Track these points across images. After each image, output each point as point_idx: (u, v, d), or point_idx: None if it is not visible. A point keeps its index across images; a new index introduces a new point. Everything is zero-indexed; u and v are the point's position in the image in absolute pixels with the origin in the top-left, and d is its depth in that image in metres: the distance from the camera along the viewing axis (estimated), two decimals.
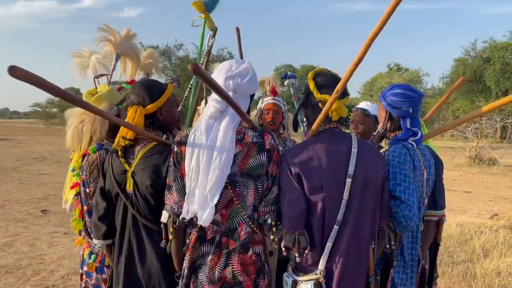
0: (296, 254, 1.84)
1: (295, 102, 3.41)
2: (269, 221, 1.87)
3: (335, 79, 1.96)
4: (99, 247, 2.39)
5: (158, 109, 2.11)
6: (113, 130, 2.46)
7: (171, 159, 1.91)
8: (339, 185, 1.84)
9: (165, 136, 2.33)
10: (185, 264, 1.87)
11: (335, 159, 1.87)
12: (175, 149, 1.89)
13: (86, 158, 2.39)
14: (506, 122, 20.77)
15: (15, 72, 1.27)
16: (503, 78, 32.06)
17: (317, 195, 1.84)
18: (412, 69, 45.19)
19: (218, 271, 1.84)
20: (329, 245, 1.83)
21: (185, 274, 1.86)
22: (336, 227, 1.83)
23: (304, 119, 2.21)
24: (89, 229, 2.42)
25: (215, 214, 1.79)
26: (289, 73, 3.63)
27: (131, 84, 2.88)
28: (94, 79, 2.68)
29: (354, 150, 1.90)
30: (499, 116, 21.04)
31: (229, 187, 1.81)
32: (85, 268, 2.45)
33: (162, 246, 1.93)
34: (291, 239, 1.80)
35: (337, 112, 1.92)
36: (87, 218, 2.44)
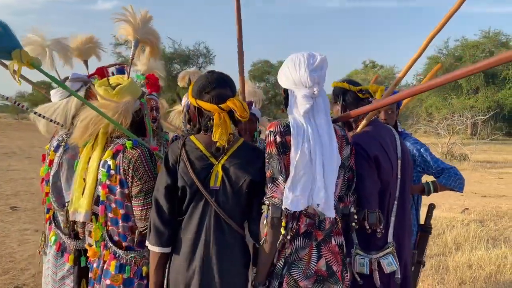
0: (378, 230, 2.02)
1: None
2: (352, 209, 1.98)
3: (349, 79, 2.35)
4: (132, 256, 2.07)
5: None
6: (133, 125, 2.17)
7: (273, 149, 1.83)
8: (394, 166, 2.17)
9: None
10: (281, 261, 1.85)
11: (389, 144, 2.19)
12: (278, 139, 1.83)
13: (122, 155, 2.04)
14: (477, 119, 21.34)
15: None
16: (474, 76, 32.95)
17: (388, 176, 2.13)
18: (387, 66, 45.97)
19: (313, 265, 1.85)
20: (393, 219, 2.12)
21: (278, 272, 1.84)
22: (395, 202, 2.14)
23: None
24: (116, 237, 2.11)
25: (308, 206, 1.81)
26: None
27: (150, 77, 2.64)
28: (105, 69, 2.40)
29: (397, 136, 2.28)
30: (470, 113, 21.63)
31: None
32: (108, 282, 2.06)
33: (262, 243, 1.81)
34: (375, 216, 1.98)
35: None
36: (121, 224, 2.08)
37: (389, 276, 2.06)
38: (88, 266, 2.26)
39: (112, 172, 2.03)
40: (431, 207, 2.66)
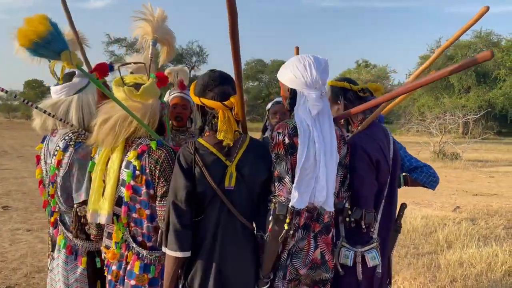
0: (372, 229, 2.16)
1: None
2: (346, 205, 2.10)
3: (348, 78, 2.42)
4: (156, 256, 2.05)
5: None
6: (158, 126, 2.17)
7: (281, 150, 1.90)
8: (390, 167, 2.27)
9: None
10: (285, 253, 1.96)
11: (386, 145, 2.27)
12: (287, 140, 1.91)
13: (147, 155, 2.00)
14: (468, 118, 21.50)
15: None
16: (466, 76, 33.27)
17: (385, 178, 2.22)
18: (380, 66, 46.23)
19: (310, 254, 1.98)
20: (379, 217, 2.22)
21: (283, 263, 1.95)
22: (383, 201, 2.24)
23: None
24: (140, 238, 2.08)
25: (309, 203, 1.92)
26: None
27: (159, 75, 2.64)
28: (118, 68, 2.32)
29: (391, 137, 2.37)
30: (461, 112, 21.79)
31: None
32: (133, 283, 2.03)
33: (266, 238, 1.89)
34: (371, 216, 2.10)
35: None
36: (146, 224, 2.06)
37: (373, 270, 2.18)
38: (105, 268, 2.20)
39: (138, 172, 2.00)
40: (403, 207, 2.64)
